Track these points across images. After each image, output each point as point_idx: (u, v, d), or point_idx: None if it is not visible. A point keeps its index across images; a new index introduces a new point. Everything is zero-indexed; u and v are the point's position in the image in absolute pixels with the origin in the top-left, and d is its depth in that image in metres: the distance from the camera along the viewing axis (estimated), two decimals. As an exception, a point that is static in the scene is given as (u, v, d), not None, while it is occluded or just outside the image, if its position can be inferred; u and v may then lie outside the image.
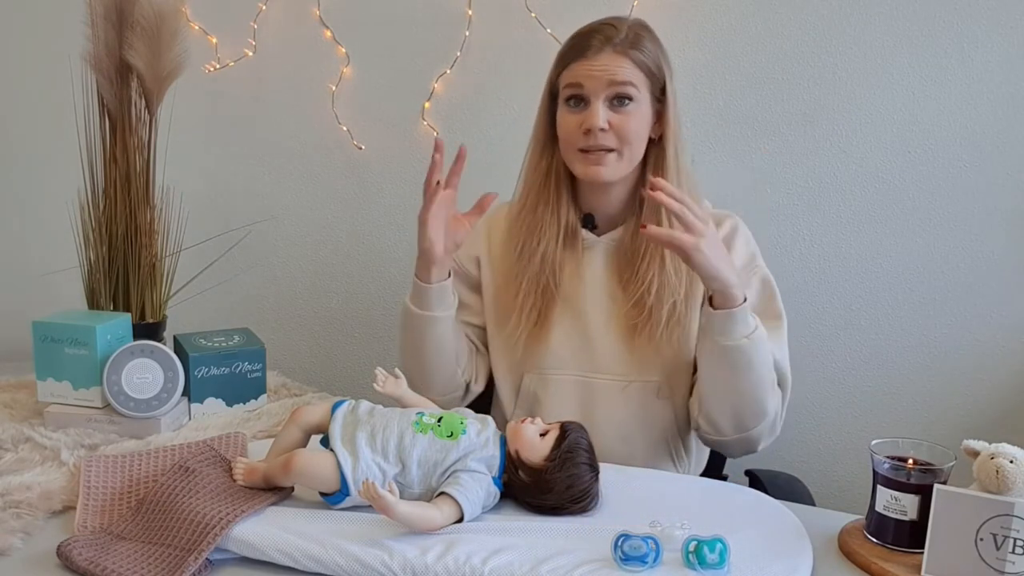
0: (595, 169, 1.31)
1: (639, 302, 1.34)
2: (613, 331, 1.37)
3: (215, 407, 1.49)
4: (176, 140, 1.73)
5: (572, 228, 1.39)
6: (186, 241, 1.73)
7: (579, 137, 1.31)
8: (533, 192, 1.39)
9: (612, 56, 1.29)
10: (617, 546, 1.00)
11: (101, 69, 1.57)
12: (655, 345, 1.34)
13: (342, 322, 2.08)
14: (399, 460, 1.11)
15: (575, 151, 1.32)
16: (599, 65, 1.29)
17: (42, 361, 1.42)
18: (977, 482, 1.01)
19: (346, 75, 1.94)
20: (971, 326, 1.78)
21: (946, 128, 1.73)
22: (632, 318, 1.35)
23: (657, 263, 1.33)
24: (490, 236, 1.47)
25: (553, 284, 1.38)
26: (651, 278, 1.33)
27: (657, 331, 1.33)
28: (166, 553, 1.02)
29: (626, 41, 1.30)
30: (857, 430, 1.85)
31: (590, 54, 1.30)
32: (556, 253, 1.37)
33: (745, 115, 1.80)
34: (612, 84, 1.29)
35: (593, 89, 1.29)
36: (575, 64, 1.31)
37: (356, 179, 2.00)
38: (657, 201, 1.18)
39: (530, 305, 1.37)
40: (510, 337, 1.40)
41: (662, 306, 1.33)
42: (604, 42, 1.30)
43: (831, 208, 1.80)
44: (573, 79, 1.31)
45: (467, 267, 1.47)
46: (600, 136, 1.29)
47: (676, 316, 1.34)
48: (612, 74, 1.29)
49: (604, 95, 1.29)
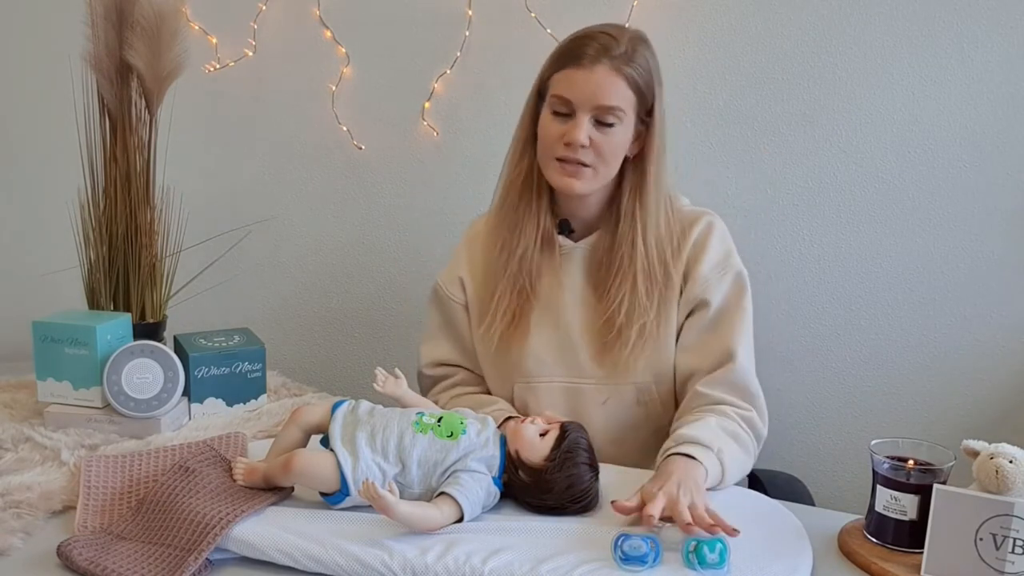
0: (569, 181, 1.31)
1: (609, 320, 1.33)
2: (591, 339, 1.37)
3: (215, 407, 1.49)
4: (176, 140, 1.73)
5: (548, 233, 1.38)
6: (186, 241, 1.73)
7: (558, 146, 1.29)
8: (514, 190, 1.38)
9: (606, 73, 1.26)
10: (617, 546, 1.00)
11: (101, 69, 1.57)
12: (624, 362, 1.34)
13: (342, 322, 2.08)
14: (399, 460, 1.11)
15: (551, 158, 1.31)
16: (592, 81, 1.26)
17: (42, 361, 1.42)
18: (977, 482, 1.02)
19: (346, 75, 1.94)
20: (971, 326, 1.78)
21: (946, 128, 1.73)
22: (603, 335, 1.35)
23: (629, 283, 1.32)
24: (471, 249, 1.46)
25: (529, 286, 1.37)
26: (622, 298, 1.32)
27: (626, 351, 1.32)
28: (166, 553, 1.02)
29: (623, 56, 1.27)
30: (857, 430, 1.85)
31: (585, 63, 1.27)
32: (534, 255, 1.36)
33: (745, 115, 1.80)
34: (599, 108, 1.27)
35: (580, 104, 1.27)
36: (568, 70, 1.28)
37: (356, 179, 2.00)
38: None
39: (505, 305, 1.37)
40: (484, 335, 1.39)
41: (631, 327, 1.32)
42: (601, 52, 1.27)
43: (831, 208, 1.80)
44: (563, 91, 1.28)
45: (454, 292, 1.46)
46: (580, 151, 1.28)
47: (645, 337, 1.33)
48: (602, 96, 1.26)
49: (591, 112, 1.28)
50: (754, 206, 1.82)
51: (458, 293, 1.46)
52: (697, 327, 1.35)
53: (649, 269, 1.33)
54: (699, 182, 1.79)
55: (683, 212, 1.40)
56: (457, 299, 1.46)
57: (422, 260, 2.00)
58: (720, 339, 1.34)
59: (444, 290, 1.47)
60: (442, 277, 1.48)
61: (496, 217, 1.41)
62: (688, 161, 1.80)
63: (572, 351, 1.37)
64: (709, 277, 1.35)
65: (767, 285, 1.78)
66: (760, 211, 1.82)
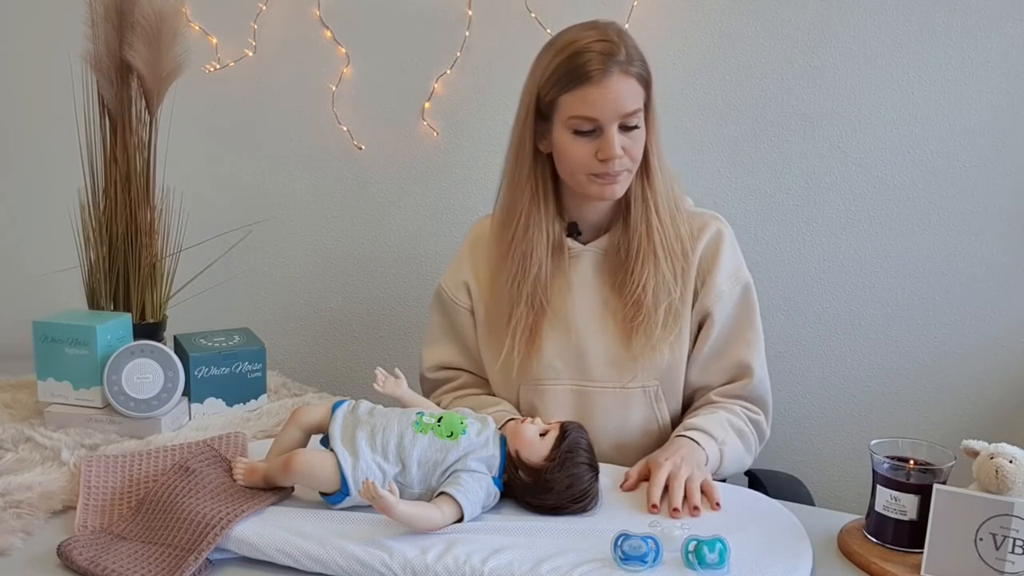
0: (611, 188, 1.30)
1: (637, 302, 1.33)
2: (608, 337, 1.37)
3: (215, 407, 1.50)
4: (176, 140, 1.73)
5: (558, 240, 1.37)
6: (186, 241, 1.73)
7: (593, 164, 1.29)
8: (518, 208, 1.36)
9: (619, 80, 1.26)
10: (617, 546, 1.00)
11: (101, 69, 1.57)
12: (652, 346, 1.34)
13: (342, 322, 2.08)
14: (399, 460, 1.11)
15: (586, 175, 1.30)
16: (611, 94, 1.25)
17: (42, 361, 1.42)
18: (977, 482, 1.02)
19: (346, 75, 1.94)
20: (971, 326, 1.78)
21: (946, 128, 1.73)
22: (630, 319, 1.34)
23: (652, 263, 1.32)
24: (474, 254, 1.46)
25: (544, 299, 1.37)
26: (646, 278, 1.32)
27: (655, 331, 1.33)
28: (166, 553, 1.02)
29: (626, 58, 1.26)
30: (857, 430, 1.85)
31: (596, 78, 1.25)
32: (546, 269, 1.36)
33: (745, 115, 1.80)
34: (624, 115, 1.27)
35: (607, 120, 1.26)
36: (580, 90, 1.26)
37: (356, 179, 2.00)
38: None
39: (523, 326, 1.36)
40: (505, 362, 1.37)
41: (659, 305, 1.32)
42: (606, 62, 1.25)
43: (830, 208, 1.80)
44: (584, 111, 1.26)
45: (459, 296, 1.45)
46: (617, 163, 1.28)
47: (673, 315, 1.34)
48: (624, 105, 1.26)
49: (617, 123, 1.27)
50: (754, 206, 1.82)
51: (463, 298, 1.45)
52: (708, 342, 1.37)
53: (668, 245, 1.34)
54: (699, 182, 1.79)
55: (691, 212, 1.41)
56: (463, 303, 1.45)
57: (422, 260, 2.00)
58: (734, 354, 1.37)
59: (448, 294, 1.46)
60: (445, 281, 1.47)
61: (502, 236, 1.39)
62: (688, 161, 1.80)
63: (582, 354, 1.37)
64: (723, 289, 1.36)
65: (767, 285, 1.78)
66: (760, 211, 1.82)
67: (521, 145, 1.36)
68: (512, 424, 1.18)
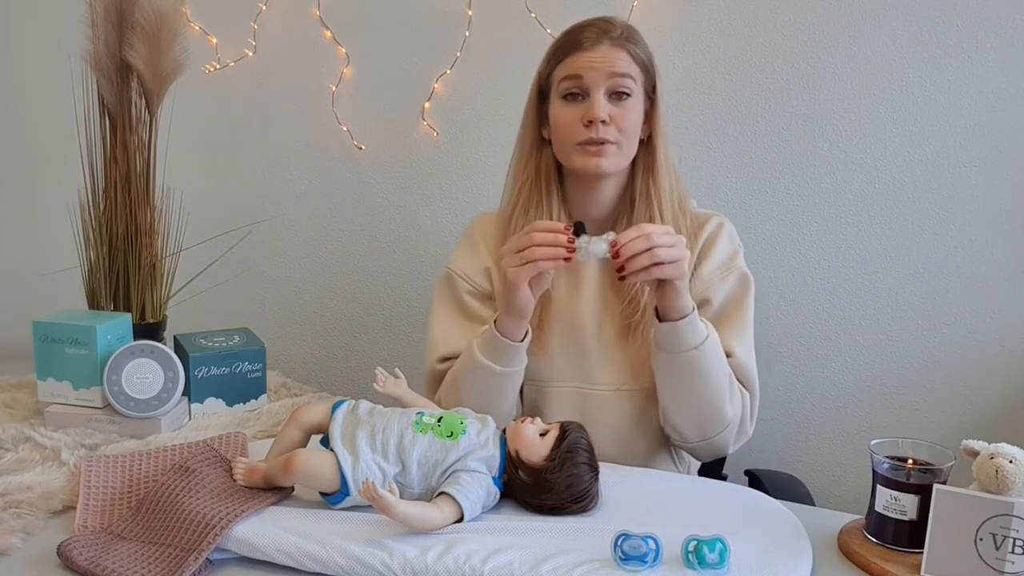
0: (596, 160, 1.30)
1: (633, 299, 1.34)
2: (605, 337, 1.37)
3: (215, 407, 1.50)
4: (176, 140, 1.73)
5: None
6: (186, 241, 1.73)
7: (579, 131, 1.29)
8: (524, 194, 1.37)
9: (610, 48, 1.29)
10: (617, 546, 1.00)
11: (101, 69, 1.57)
12: (648, 345, 1.34)
13: (342, 322, 2.08)
14: (399, 460, 1.11)
15: (573, 145, 1.31)
16: (599, 57, 1.29)
17: (42, 361, 1.42)
18: (977, 482, 1.01)
19: (346, 75, 1.94)
20: (971, 326, 1.78)
21: (946, 128, 1.73)
22: (627, 317, 1.35)
23: None
24: (487, 244, 1.45)
25: (551, 295, 1.36)
26: None
27: (651, 329, 1.33)
28: (166, 553, 1.02)
29: (622, 36, 1.31)
30: (857, 430, 1.85)
31: (587, 46, 1.29)
32: None
33: (745, 115, 1.80)
34: (612, 75, 1.28)
35: (594, 80, 1.28)
36: (572, 57, 1.30)
37: (356, 179, 2.00)
38: (629, 274, 1.17)
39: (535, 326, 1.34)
40: None
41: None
42: (600, 34, 1.30)
43: (830, 208, 1.80)
44: (571, 71, 1.30)
45: (481, 282, 1.43)
46: (601, 128, 1.28)
47: None
48: (612, 65, 1.28)
49: (604, 87, 1.29)
50: (754, 206, 1.82)
51: (484, 283, 1.42)
52: None
53: None
54: (699, 182, 1.79)
55: (694, 212, 1.41)
56: (483, 288, 1.42)
57: (422, 260, 2.00)
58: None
59: (467, 280, 1.42)
60: (459, 267, 1.44)
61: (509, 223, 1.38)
62: (688, 161, 1.80)
63: (584, 356, 1.37)
64: (710, 278, 1.36)
65: (767, 285, 1.78)
66: (760, 211, 1.82)
67: (525, 132, 1.39)
68: (512, 424, 1.18)
